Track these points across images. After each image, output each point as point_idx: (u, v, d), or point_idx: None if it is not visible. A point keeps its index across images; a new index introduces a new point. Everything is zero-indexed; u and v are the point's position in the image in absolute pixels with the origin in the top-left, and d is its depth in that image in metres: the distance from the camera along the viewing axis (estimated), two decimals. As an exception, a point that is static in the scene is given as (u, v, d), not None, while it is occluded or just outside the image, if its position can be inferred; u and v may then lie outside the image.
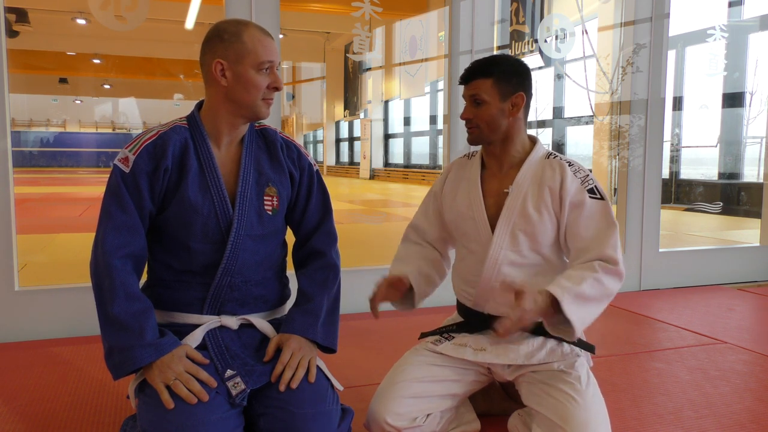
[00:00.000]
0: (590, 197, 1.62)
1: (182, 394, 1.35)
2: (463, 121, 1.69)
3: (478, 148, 1.79)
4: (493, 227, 1.67)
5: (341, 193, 12.89)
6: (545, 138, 9.02)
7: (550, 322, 1.54)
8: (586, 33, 4.15)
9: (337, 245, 1.71)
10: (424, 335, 1.81)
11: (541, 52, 4.09)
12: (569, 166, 1.65)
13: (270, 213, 1.59)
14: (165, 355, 1.41)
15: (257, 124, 1.65)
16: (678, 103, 7.75)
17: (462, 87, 1.70)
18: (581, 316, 1.50)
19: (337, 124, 19.83)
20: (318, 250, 1.68)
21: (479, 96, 1.63)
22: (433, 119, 15.01)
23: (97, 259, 1.48)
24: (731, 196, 7.67)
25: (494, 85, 1.62)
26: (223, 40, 1.47)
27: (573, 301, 1.49)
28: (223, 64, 1.48)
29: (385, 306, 1.78)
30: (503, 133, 1.66)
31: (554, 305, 1.49)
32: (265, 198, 1.58)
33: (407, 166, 16.25)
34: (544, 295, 1.49)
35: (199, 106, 1.60)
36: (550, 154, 1.70)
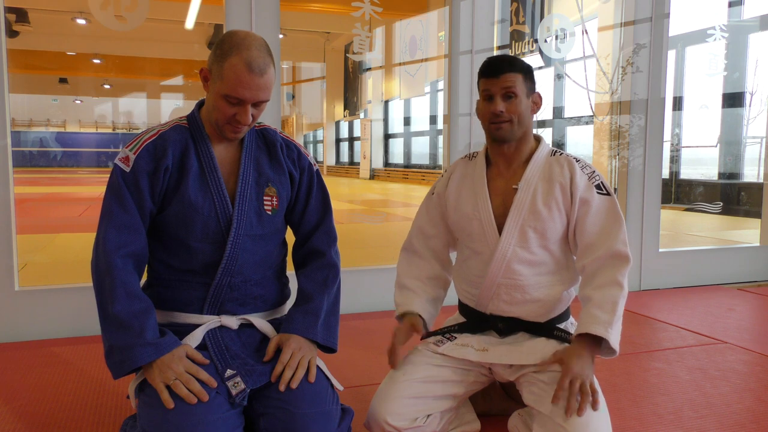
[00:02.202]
0: (598, 193, 1.64)
1: (182, 394, 1.35)
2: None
3: (479, 148, 1.80)
4: (499, 227, 1.67)
5: (341, 193, 12.88)
6: (545, 138, 9.02)
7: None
8: (586, 33, 4.15)
9: (336, 245, 1.71)
10: (426, 336, 1.81)
11: (541, 52, 4.08)
12: (576, 162, 1.67)
13: (270, 213, 1.59)
14: (165, 354, 1.41)
15: (257, 125, 1.65)
16: (678, 103, 7.75)
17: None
18: (618, 334, 1.55)
19: (337, 124, 19.82)
20: (318, 249, 1.68)
21: (514, 89, 1.62)
22: (433, 119, 14.99)
23: (98, 258, 1.48)
24: (731, 196, 7.67)
25: (523, 80, 1.64)
26: (217, 52, 1.46)
27: (615, 331, 1.54)
28: (207, 74, 1.48)
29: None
30: (524, 130, 1.68)
31: (596, 339, 1.53)
32: (264, 198, 1.58)
33: (407, 166, 16.23)
34: (585, 339, 1.53)
35: (200, 105, 1.60)
36: (555, 151, 1.71)
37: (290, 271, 1.72)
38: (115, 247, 1.46)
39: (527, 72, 1.65)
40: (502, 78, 1.62)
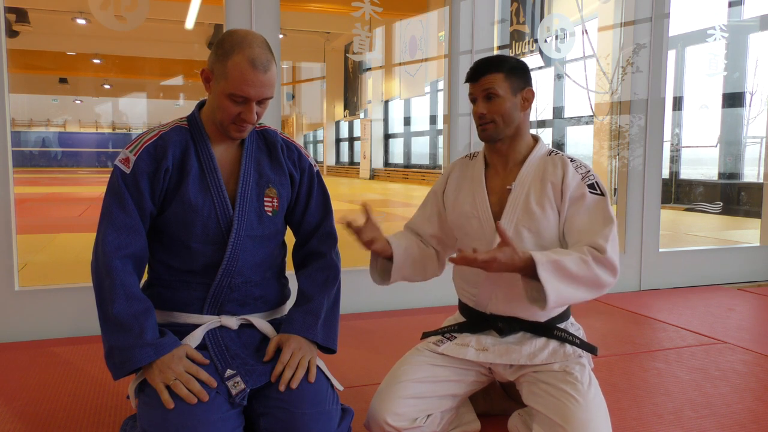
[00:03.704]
0: (590, 192, 1.63)
1: (182, 394, 1.35)
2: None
3: (479, 148, 1.80)
4: None
5: (341, 193, 12.89)
6: (545, 138, 9.03)
7: (527, 289, 1.53)
8: (586, 33, 4.15)
9: (337, 246, 1.71)
10: (426, 335, 1.81)
11: (541, 52, 4.08)
12: (571, 162, 1.66)
13: (270, 214, 1.59)
14: (165, 355, 1.41)
15: (258, 125, 1.65)
16: (678, 103, 7.75)
17: (467, 86, 1.70)
18: (557, 288, 1.47)
19: (337, 124, 19.82)
20: (318, 250, 1.68)
21: (493, 90, 1.62)
22: (433, 119, 14.99)
23: (97, 259, 1.48)
24: (731, 196, 7.67)
25: (506, 79, 1.63)
26: (218, 51, 1.46)
27: (551, 269, 1.47)
28: (209, 75, 1.48)
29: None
30: (515, 128, 1.67)
31: (532, 270, 1.47)
32: (265, 199, 1.58)
33: (407, 166, 16.23)
34: (524, 255, 1.48)
35: (200, 105, 1.60)
36: (552, 152, 1.71)
37: (290, 271, 1.73)
38: (114, 248, 1.46)
39: (511, 70, 1.64)
40: (482, 80, 1.64)
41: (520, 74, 1.65)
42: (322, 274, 1.65)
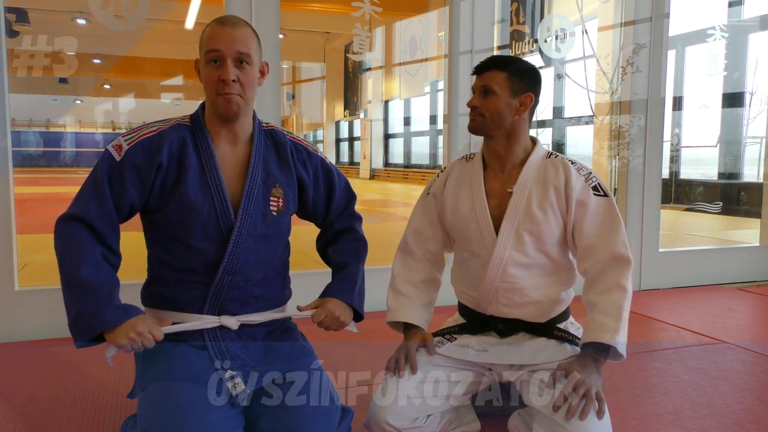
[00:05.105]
0: (595, 195, 1.63)
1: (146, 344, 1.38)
2: (461, 121, 1.70)
3: (476, 149, 1.80)
4: (496, 229, 1.66)
5: (341, 193, 12.87)
6: (545, 138, 9.03)
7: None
8: (586, 33, 4.15)
9: (361, 224, 1.80)
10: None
11: (541, 52, 4.08)
12: (572, 164, 1.66)
13: (275, 214, 1.59)
14: (132, 318, 1.40)
15: (265, 124, 1.64)
16: (678, 103, 7.75)
17: (467, 87, 1.70)
18: (625, 338, 1.56)
19: (337, 124, 19.80)
20: (347, 227, 1.76)
21: (490, 86, 1.63)
22: (433, 119, 14.99)
23: (65, 228, 1.47)
24: (731, 196, 7.68)
25: (507, 79, 1.63)
26: (200, 39, 1.50)
27: (621, 337, 1.54)
28: (197, 64, 1.52)
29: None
30: (506, 129, 1.66)
31: (604, 346, 1.54)
32: (271, 199, 1.58)
33: (407, 166, 16.23)
34: (592, 347, 1.55)
35: (203, 106, 1.60)
36: (551, 154, 1.71)
37: (293, 272, 1.73)
38: (86, 223, 1.45)
39: (516, 72, 1.64)
40: (484, 75, 1.65)
41: (524, 78, 1.65)
42: (353, 245, 1.74)
